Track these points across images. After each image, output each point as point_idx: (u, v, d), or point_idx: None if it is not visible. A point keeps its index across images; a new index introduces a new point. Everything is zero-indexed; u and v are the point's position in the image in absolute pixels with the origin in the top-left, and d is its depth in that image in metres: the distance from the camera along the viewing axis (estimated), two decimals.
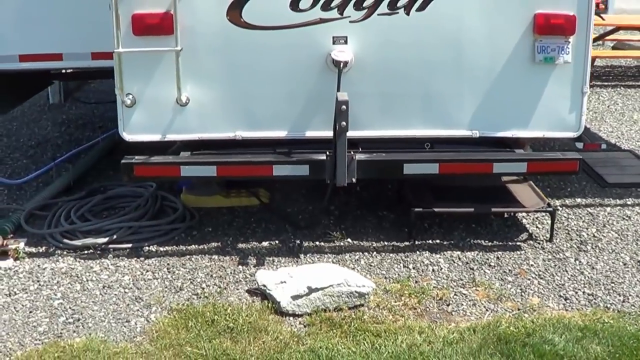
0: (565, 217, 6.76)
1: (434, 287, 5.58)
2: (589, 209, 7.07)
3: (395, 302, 5.32)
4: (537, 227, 6.62)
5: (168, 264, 5.85)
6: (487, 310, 5.32)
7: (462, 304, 5.39)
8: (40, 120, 10.02)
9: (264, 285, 5.25)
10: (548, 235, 6.43)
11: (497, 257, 6.06)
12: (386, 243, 6.30)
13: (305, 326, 5.01)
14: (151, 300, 5.32)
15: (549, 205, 6.41)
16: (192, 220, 6.50)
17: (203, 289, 5.51)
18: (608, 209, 7.13)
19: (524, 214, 6.75)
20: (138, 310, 5.25)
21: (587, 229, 6.67)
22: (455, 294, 5.52)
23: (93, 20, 6.63)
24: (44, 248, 6.25)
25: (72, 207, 6.73)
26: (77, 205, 6.74)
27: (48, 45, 6.90)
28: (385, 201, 6.95)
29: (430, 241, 6.33)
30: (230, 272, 5.70)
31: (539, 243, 6.36)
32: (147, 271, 5.75)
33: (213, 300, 5.28)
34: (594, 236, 6.53)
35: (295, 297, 5.09)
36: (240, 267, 5.80)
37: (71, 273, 5.75)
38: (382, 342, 4.81)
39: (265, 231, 6.43)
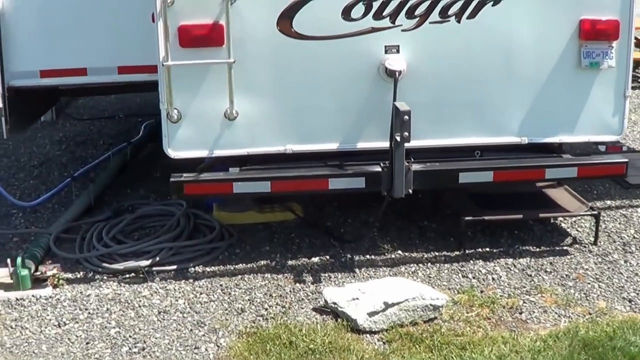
0: (601, 219, 6.59)
1: (500, 295, 5.46)
2: (620, 211, 7.07)
3: (468, 313, 5.22)
4: (577, 230, 6.60)
5: (221, 285, 5.64)
6: (559, 316, 5.26)
7: (534, 312, 5.32)
8: (35, 139, 9.71)
9: (335, 303, 5.08)
10: (591, 239, 6.41)
11: (550, 263, 6.00)
12: (437, 253, 6.18)
13: (385, 343, 4.89)
14: (215, 324, 5.11)
15: (591, 208, 6.28)
16: (231, 239, 6.23)
17: (266, 309, 5.32)
18: (639, 209, 7.02)
19: (563, 217, 6.66)
20: (204, 335, 5.05)
21: (625, 230, 6.66)
22: (524, 302, 5.44)
23: (119, 32, 6.38)
24: (81, 273, 6.00)
25: (102, 229, 6.39)
26: (107, 227, 6.45)
27: (71, 60, 6.57)
28: (421, 211, 6.75)
29: (480, 249, 6.23)
30: (290, 291, 5.51)
31: (585, 246, 6.31)
32: (201, 294, 5.54)
33: (281, 321, 5.05)
34: (634, 237, 6.53)
35: (371, 314, 4.94)
36: (298, 285, 5.62)
37: (119, 299, 5.50)
38: (470, 354, 4.71)
39: (312, 246, 6.25)
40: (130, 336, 5.10)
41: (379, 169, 5.65)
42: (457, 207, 6.39)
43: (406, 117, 5.26)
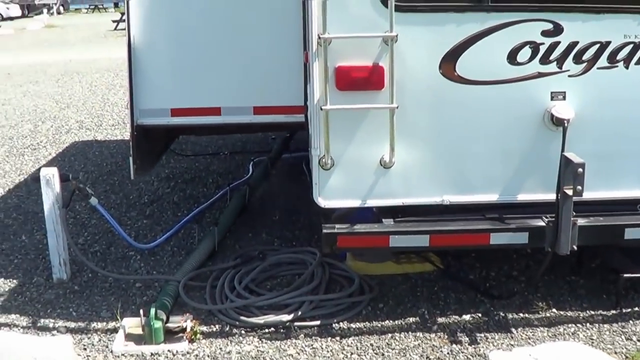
0: None
1: None
2: None
3: None
4: None
5: (372, 345, 5.28)
6: None
7: None
8: None
9: None
10: None
11: None
12: (593, 312, 5.77)
13: None
14: None
15: None
16: (372, 293, 5.86)
17: None
18: None
19: None
20: None
21: None
22: None
23: (257, 71, 6.05)
24: (217, 326, 5.64)
25: (234, 277, 6.05)
26: (239, 275, 6.10)
27: (204, 98, 6.27)
28: (565, 264, 6.30)
29: (637, 308, 5.77)
30: (448, 353, 5.15)
31: None
32: (352, 353, 5.20)
33: None
34: None
35: None
36: (455, 346, 5.26)
37: (264, 357, 5.18)
38: None
39: (459, 302, 5.85)
40: None
41: (543, 223, 5.23)
42: (609, 262, 6.03)
43: (580, 169, 4.90)
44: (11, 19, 56.52)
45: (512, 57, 5.19)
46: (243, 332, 5.58)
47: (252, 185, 8.26)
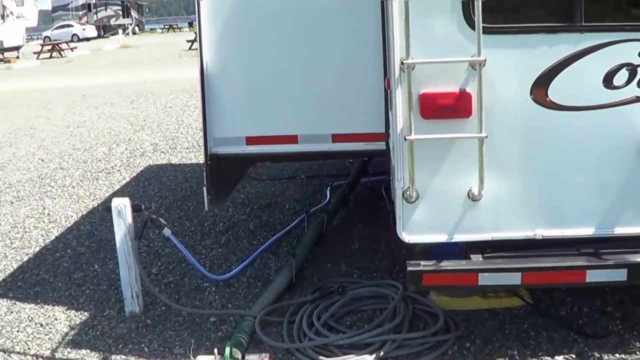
0: None
1: None
2: None
3: None
4: None
5: None
6: None
7: None
8: None
9: None
10: None
11: None
12: None
13: None
14: None
15: None
16: (458, 331, 5.53)
17: None
18: None
19: None
20: None
21: None
22: None
23: (335, 97, 5.80)
24: None
25: (312, 313, 5.75)
26: (317, 311, 5.80)
27: (281, 126, 6.01)
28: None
29: None
30: None
31: None
32: None
33: None
34: None
35: None
36: None
37: None
38: None
39: (551, 341, 5.52)
40: None
41: None
42: None
43: None
44: (87, 39, 57.56)
45: (608, 81, 4.82)
46: None
47: (330, 212, 7.95)
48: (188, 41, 35.65)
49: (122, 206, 6.01)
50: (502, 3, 4.86)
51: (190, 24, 59.79)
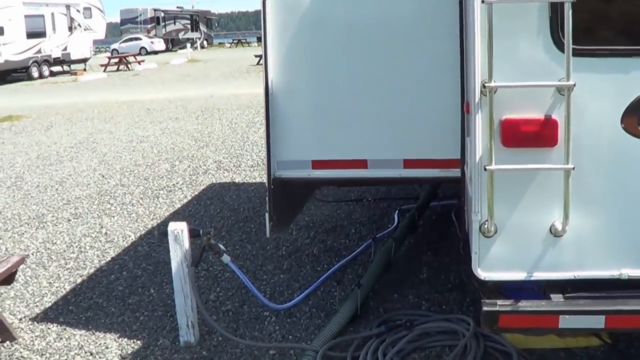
0: None
1: None
2: None
3: None
4: None
5: None
6: None
7: None
8: None
9: None
10: None
11: None
12: None
13: None
14: None
15: None
16: None
17: None
18: None
19: None
20: None
21: None
22: None
23: (408, 119, 5.44)
24: None
25: (377, 348, 5.40)
26: (383, 346, 5.44)
27: (349, 150, 5.66)
28: None
29: None
30: None
31: None
32: None
33: None
34: None
35: None
36: None
37: None
38: None
39: None
40: None
41: None
42: None
43: None
44: (155, 52, 58.02)
45: None
46: None
47: (397, 239, 7.56)
48: (256, 56, 35.60)
49: (179, 231, 5.72)
50: (592, 24, 4.45)
51: (259, 39, 59.71)
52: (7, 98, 27.54)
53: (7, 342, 6.13)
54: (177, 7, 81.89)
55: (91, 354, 5.93)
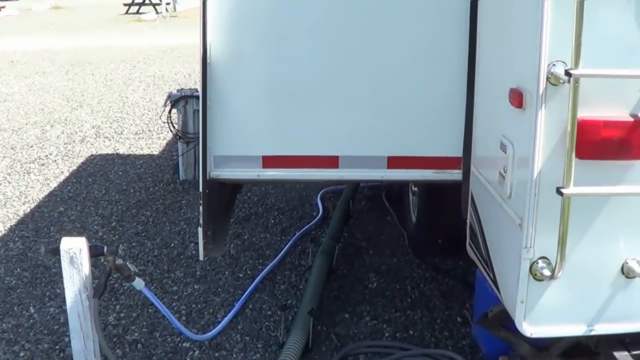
0: None
1: None
2: None
3: None
4: None
5: None
6: None
7: None
8: None
9: None
10: None
11: None
12: None
13: None
14: None
15: None
16: None
17: None
18: None
19: None
20: None
21: None
22: None
23: (394, 105, 4.28)
24: None
25: None
26: None
27: (315, 145, 4.52)
28: None
29: None
30: None
31: None
32: None
33: None
34: None
35: None
36: None
37: None
38: None
39: None
40: None
41: None
42: None
43: None
44: None
45: None
46: None
47: (335, 237, 6.20)
48: (125, 4, 33.27)
49: (77, 251, 4.07)
50: None
51: None
52: None
53: None
54: None
55: None
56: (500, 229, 3.58)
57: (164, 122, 8.67)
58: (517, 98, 3.21)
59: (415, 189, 5.96)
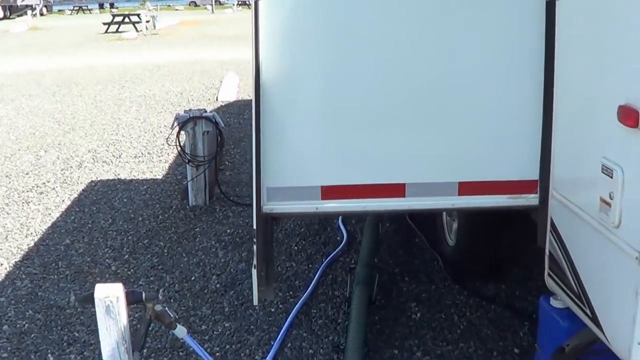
0: None
1: None
2: None
3: None
4: None
5: None
6: None
7: None
8: None
9: None
10: None
11: None
12: None
13: None
14: None
15: None
16: None
17: None
18: None
19: None
20: None
21: None
22: None
23: (466, 126, 3.72)
24: None
25: None
26: None
27: (380, 172, 4.05)
28: None
29: None
30: None
31: None
32: None
33: None
34: None
35: None
36: None
37: None
38: None
39: None
40: None
41: None
42: None
43: None
44: None
45: None
46: None
47: (369, 264, 5.86)
48: (104, 24, 32.82)
49: (113, 299, 3.57)
50: None
51: (101, 6, 56.41)
52: None
53: None
54: None
55: None
56: (602, 262, 3.12)
57: (170, 145, 8.20)
58: (630, 116, 2.76)
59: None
